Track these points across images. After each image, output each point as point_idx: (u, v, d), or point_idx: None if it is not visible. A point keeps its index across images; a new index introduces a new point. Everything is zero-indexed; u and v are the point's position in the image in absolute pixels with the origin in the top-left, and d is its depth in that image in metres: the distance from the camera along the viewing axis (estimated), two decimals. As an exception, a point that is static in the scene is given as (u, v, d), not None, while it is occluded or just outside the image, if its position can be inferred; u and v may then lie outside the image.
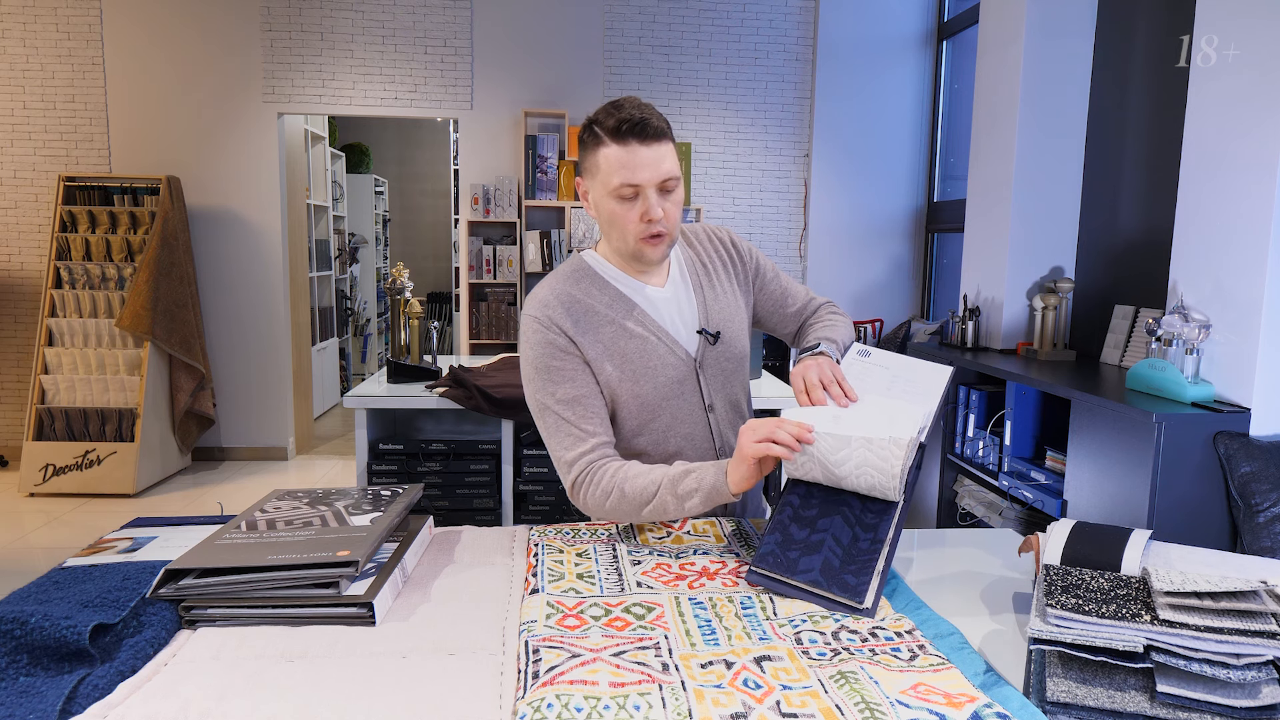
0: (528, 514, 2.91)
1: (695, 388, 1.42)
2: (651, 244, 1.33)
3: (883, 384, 1.29)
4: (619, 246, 1.37)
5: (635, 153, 1.27)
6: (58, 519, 4.11)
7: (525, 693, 0.82)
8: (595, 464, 1.31)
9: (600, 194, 1.33)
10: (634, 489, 1.25)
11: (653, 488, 1.24)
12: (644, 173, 1.28)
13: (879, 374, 1.30)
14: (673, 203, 1.32)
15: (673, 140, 1.33)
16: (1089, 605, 0.86)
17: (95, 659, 0.88)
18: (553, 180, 4.96)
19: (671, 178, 1.30)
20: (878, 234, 5.26)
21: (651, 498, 1.24)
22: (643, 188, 1.29)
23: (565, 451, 1.32)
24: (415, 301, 3.11)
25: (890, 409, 1.20)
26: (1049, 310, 3.15)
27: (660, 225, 1.31)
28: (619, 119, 1.27)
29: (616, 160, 1.28)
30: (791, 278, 1.61)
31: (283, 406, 5.19)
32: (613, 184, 1.29)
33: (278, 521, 1.15)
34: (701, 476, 1.21)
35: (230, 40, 4.89)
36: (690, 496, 1.21)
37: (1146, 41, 2.99)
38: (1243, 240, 2.23)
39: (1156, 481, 2.15)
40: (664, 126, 1.30)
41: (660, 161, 1.29)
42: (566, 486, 1.33)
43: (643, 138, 1.27)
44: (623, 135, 1.27)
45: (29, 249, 4.94)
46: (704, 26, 5.11)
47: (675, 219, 1.34)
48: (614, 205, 1.31)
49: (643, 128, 1.27)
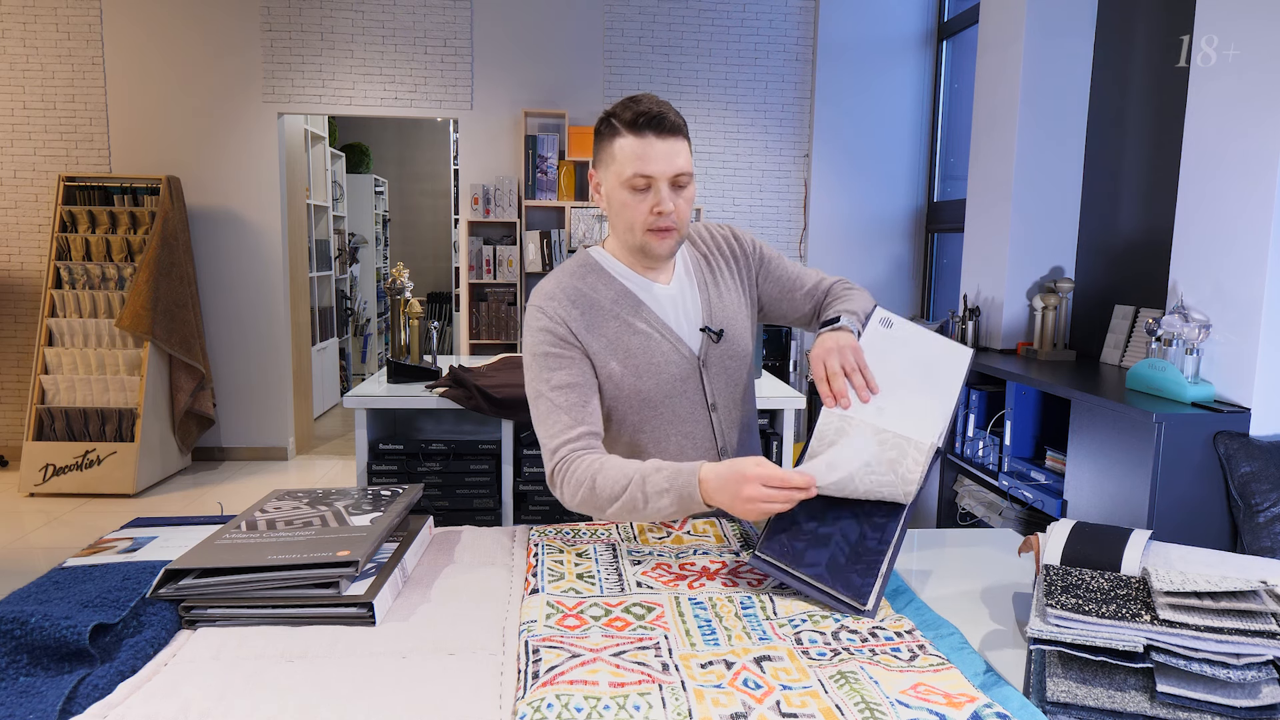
0: (528, 514, 2.90)
1: (698, 386, 1.42)
2: (658, 237, 1.33)
3: (903, 364, 1.25)
4: (626, 239, 1.37)
5: (650, 145, 1.28)
6: (58, 519, 4.11)
7: (525, 693, 0.82)
8: (576, 453, 1.28)
9: (613, 184, 1.33)
10: (605, 481, 1.22)
11: (624, 481, 1.20)
12: (657, 165, 1.28)
13: (899, 354, 1.26)
14: (684, 199, 1.33)
15: (688, 139, 1.33)
16: (1089, 605, 0.86)
17: (95, 659, 0.88)
18: (553, 180, 4.96)
19: (684, 173, 1.31)
20: (878, 234, 5.26)
21: (621, 493, 1.20)
22: (655, 179, 1.29)
23: (551, 439, 1.31)
24: (415, 301, 3.11)
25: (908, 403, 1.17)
26: (1049, 310, 3.15)
27: (669, 220, 1.31)
28: (636, 111, 1.28)
29: (631, 151, 1.29)
30: (800, 263, 1.58)
31: (283, 406, 5.19)
32: (626, 174, 1.30)
33: (278, 521, 1.15)
34: (675, 478, 1.16)
35: (230, 40, 4.89)
36: (661, 496, 1.17)
37: (1146, 41, 2.99)
38: (1243, 240, 2.23)
39: (1156, 481, 2.15)
40: (680, 123, 1.31)
41: (674, 156, 1.29)
42: (546, 474, 1.32)
43: (659, 131, 1.28)
44: (639, 128, 1.28)
45: (29, 249, 4.94)
46: (704, 26, 5.11)
47: (685, 216, 1.34)
48: (626, 196, 1.31)
49: (660, 121, 1.28)
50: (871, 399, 1.20)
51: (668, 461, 1.21)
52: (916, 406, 1.18)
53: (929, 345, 1.28)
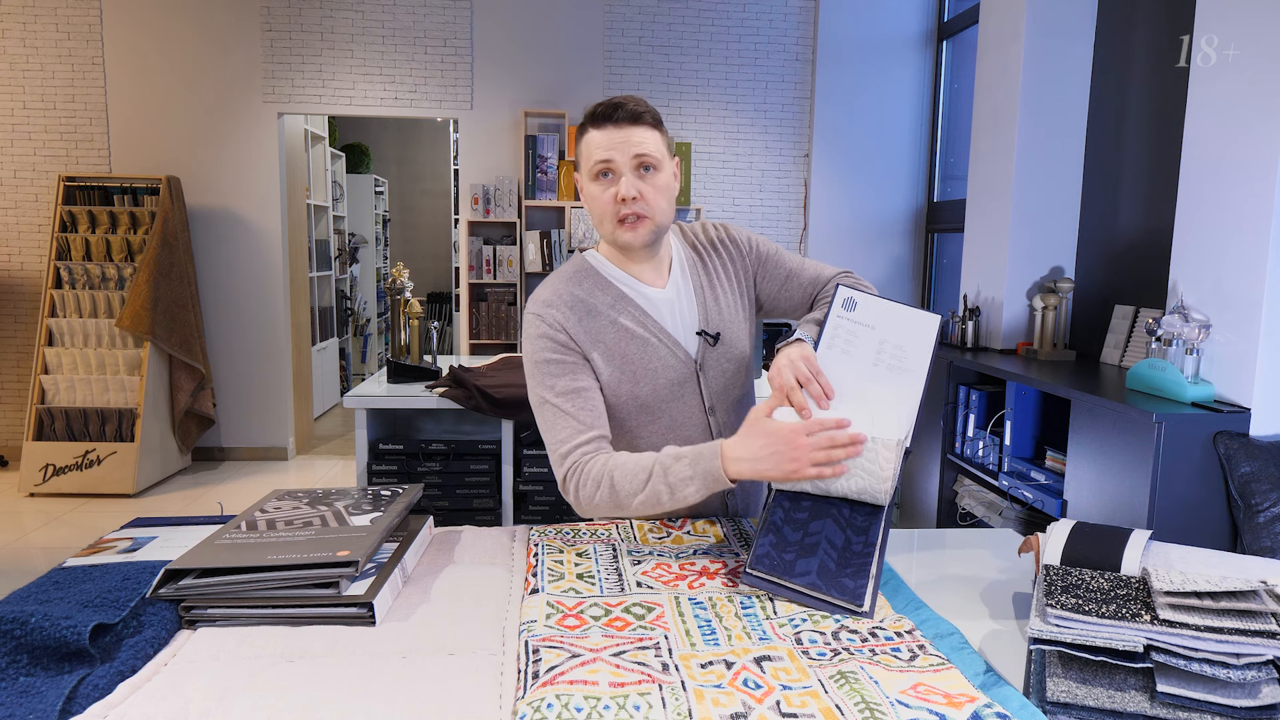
0: (528, 514, 2.90)
1: (695, 390, 1.42)
2: (628, 227, 1.31)
3: (871, 351, 1.24)
4: (603, 234, 1.37)
5: (609, 133, 1.30)
6: (58, 519, 4.11)
7: (525, 693, 0.82)
8: (587, 456, 1.28)
9: (585, 181, 1.35)
10: (624, 477, 1.22)
11: (644, 475, 1.21)
12: (616, 150, 1.29)
13: (865, 339, 1.25)
14: (653, 186, 1.31)
15: (656, 127, 1.33)
16: (1089, 605, 0.86)
17: (95, 659, 0.88)
18: (553, 180, 4.96)
19: (646, 155, 1.30)
20: (878, 234, 5.26)
21: (642, 487, 1.21)
22: (614, 164, 1.29)
23: (560, 445, 1.31)
24: (415, 301, 3.11)
25: (874, 400, 1.17)
26: (1049, 310, 3.15)
27: (636, 206, 1.30)
28: (599, 105, 1.31)
29: (594, 142, 1.31)
30: (802, 257, 1.57)
31: (283, 406, 5.19)
32: (590, 165, 1.31)
33: (278, 521, 1.15)
34: (696, 462, 1.17)
35: (230, 40, 4.89)
36: (686, 485, 1.18)
37: (1146, 41, 2.99)
38: (1243, 240, 2.23)
39: (1156, 481, 2.15)
40: (643, 111, 1.31)
41: (635, 141, 1.29)
42: (558, 480, 1.31)
43: (617, 120, 1.29)
44: (600, 119, 1.30)
45: (29, 249, 4.94)
46: (704, 26, 5.11)
47: (657, 204, 1.32)
48: (594, 189, 1.33)
49: (618, 108, 1.29)
50: (838, 403, 1.18)
51: (684, 448, 1.21)
52: (884, 400, 1.17)
53: (896, 321, 1.26)
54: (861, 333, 1.26)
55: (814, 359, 1.22)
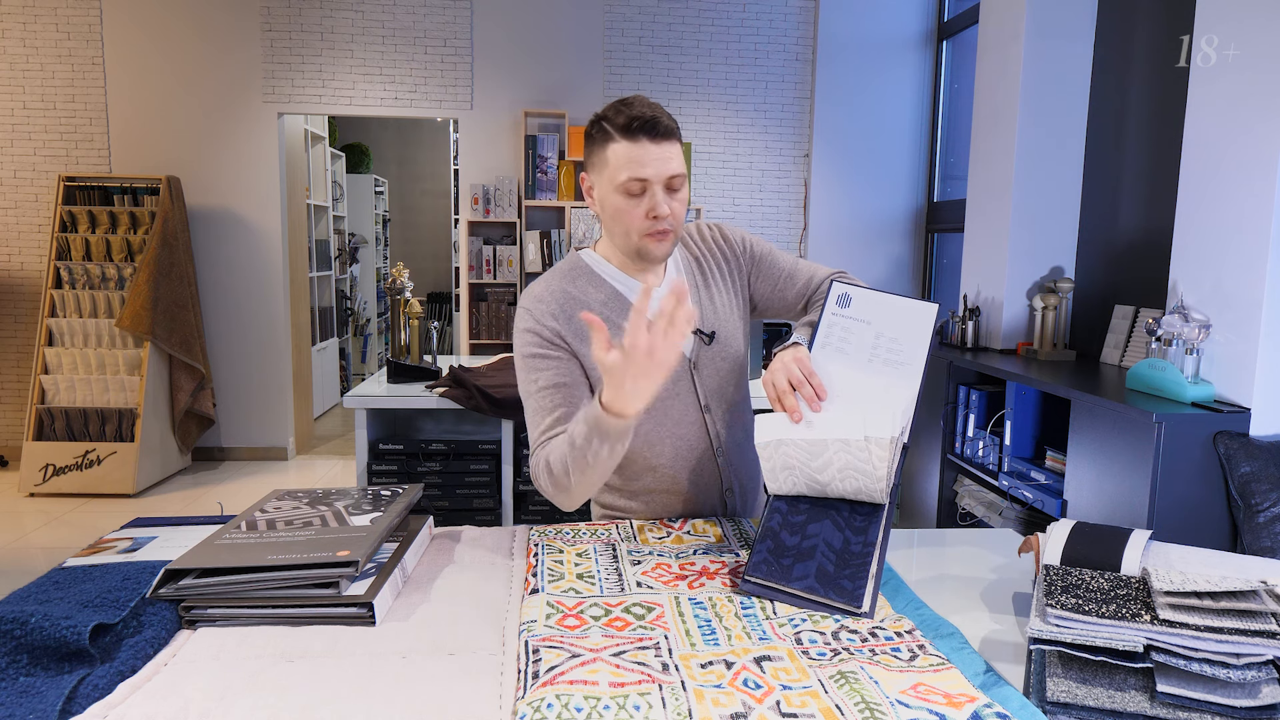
0: (528, 514, 2.91)
1: (690, 388, 1.42)
2: (656, 240, 1.33)
3: (866, 345, 1.24)
4: (622, 244, 1.36)
5: (645, 149, 1.28)
6: (58, 519, 4.11)
7: (525, 693, 0.82)
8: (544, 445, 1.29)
9: (606, 190, 1.33)
10: (557, 457, 1.22)
11: (564, 446, 1.21)
12: (652, 169, 1.28)
13: (861, 334, 1.25)
14: (678, 201, 1.32)
15: (680, 141, 1.33)
16: (1089, 605, 0.86)
17: (95, 659, 0.88)
18: (553, 180, 4.96)
19: (678, 175, 1.31)
20: (878, 234, 5.26)
21: (565, 457, 1.20)
22: (650, 183, 1.29)
23: (535, 439, 1.32)
24: (415, 301, 3.11)
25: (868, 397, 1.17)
26: (1049, 310, 3.15)
27: (666, 223, 1.31)
28: (630, 115, 1.28)
29: (625, 156, 1.29)
30: (796, 257, 1.57)
31: (283, 406, 5.19)
32: (620, 179, 1.29)
33: (278, 521, 1.15)
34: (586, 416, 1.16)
35: (230, 40, 4.89)
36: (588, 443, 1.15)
37: (1146, 41, 2.99)
38: (1243, 240, 2.23)
39: (1156, 481, 2.15)
40: (673, 126, 1.31)
41: (668, 159, 1.29)
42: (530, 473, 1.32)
43: (653, 135, 1.28)
44: (633, 132, 1.28)
45: (29, 249, 4.94)
46: (704, 26, 5.11)
47: (680, 217, 1.34)
48: (620, 201, 1.31)
49: (653, 125, 1.28)
50: (831, 403, 1.18)
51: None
52: (879, 395, 1.17)
53: (891, 313, 1.25)
54: (856, 328, 1.26)
55: (807, 361, 1.23)
